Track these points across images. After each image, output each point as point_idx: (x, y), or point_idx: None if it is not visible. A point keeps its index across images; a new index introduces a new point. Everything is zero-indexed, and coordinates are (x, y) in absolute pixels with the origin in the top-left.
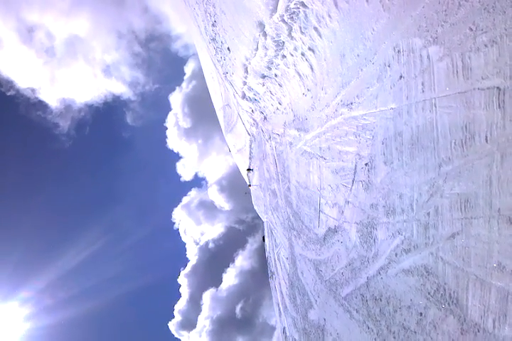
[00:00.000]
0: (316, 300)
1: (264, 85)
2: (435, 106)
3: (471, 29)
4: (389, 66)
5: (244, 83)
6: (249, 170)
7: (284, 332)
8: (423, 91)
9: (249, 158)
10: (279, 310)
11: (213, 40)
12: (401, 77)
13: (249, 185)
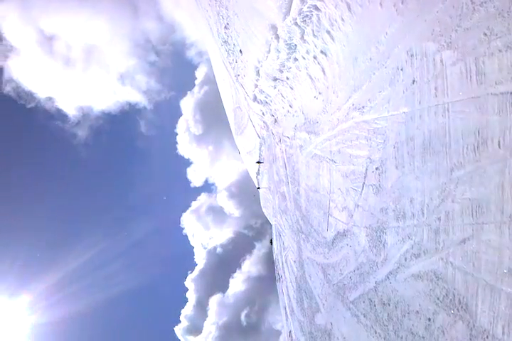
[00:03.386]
0: (324, 304)
1: (275, 88)
2: (448, 111)
3: (485, 34)
4: (402, 70)
5: (256, 85)
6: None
7: (290, 335)
8: (436, 95)
9: (259, 157)
10: (286, 313)
11: (225, 42)
12: (414, 81)
13: (259, 188)
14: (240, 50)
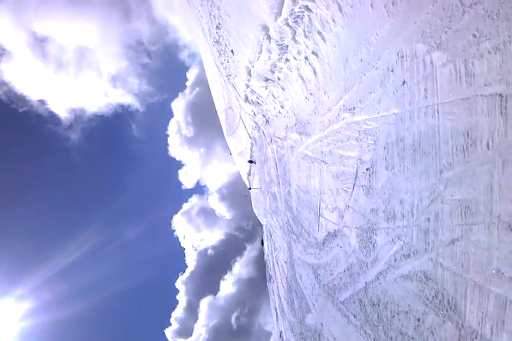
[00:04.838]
0: (314, 305)
1: (266, 88)
2: (437, 112)
3: (474, 36)
4: (392, 71)
5: (247, 86)
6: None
7: (280, 336)
8: (426, 97)
9: (251, 157)
10: (277, 314)
11: (217, 42)
12: (404, 82)
13: (250, 188)
14: (232, 50)
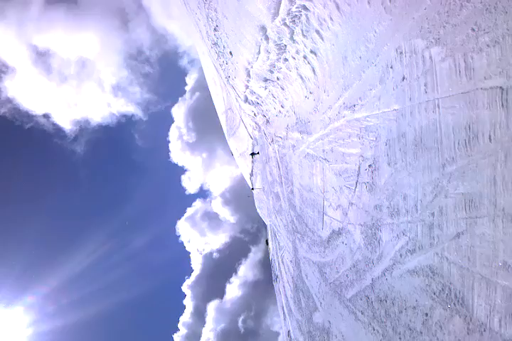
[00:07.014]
0: (321, 303)
1: (266, 89)
2: (438, 107)
3: (473, 30)
4: (391, 67)
5: (247, 87)
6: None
7: (288, 335)
8: (426, 92)
9: (252, 162)
10: (284, 313)
11: (215, 44)
12: (404, 78)
13: (252, 189)
14: (230, 52)
